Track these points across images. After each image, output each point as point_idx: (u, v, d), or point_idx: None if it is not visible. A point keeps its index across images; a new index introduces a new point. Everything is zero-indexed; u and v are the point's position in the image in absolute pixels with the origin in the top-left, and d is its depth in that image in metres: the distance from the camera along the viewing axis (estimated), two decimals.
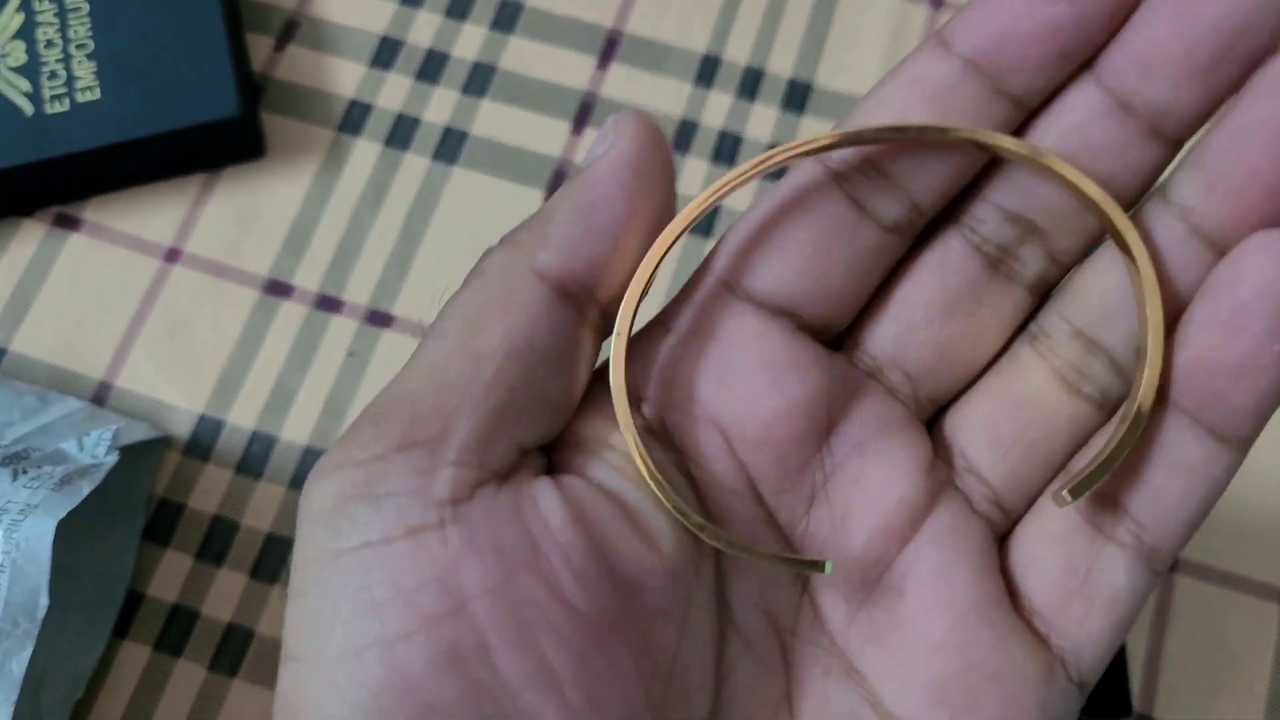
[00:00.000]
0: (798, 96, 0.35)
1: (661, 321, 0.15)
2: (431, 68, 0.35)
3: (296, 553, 0.13)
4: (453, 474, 0.13)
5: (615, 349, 0.14)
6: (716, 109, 0.34)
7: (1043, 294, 0.16)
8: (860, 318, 0.16)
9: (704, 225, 0.32)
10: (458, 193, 0.33)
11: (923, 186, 0.15)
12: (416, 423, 0.13)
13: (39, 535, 0.24)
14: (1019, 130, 0.15)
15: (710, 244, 0.32)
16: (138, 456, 0.29)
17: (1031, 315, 0.16)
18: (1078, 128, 0.14)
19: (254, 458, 0.31)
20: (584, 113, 0.34)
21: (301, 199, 0.33)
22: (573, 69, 0.35)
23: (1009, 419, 0.15)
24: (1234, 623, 0.29)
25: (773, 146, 0.34)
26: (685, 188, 0.33)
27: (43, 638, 0.24)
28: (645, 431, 0.15)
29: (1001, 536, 0.16)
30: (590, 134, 0.34)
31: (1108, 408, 0.15)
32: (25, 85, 0.33)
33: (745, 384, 0.14)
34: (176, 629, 0.29)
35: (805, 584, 0.15)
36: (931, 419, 0.16)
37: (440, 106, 0.34)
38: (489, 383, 0.13)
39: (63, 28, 0.33)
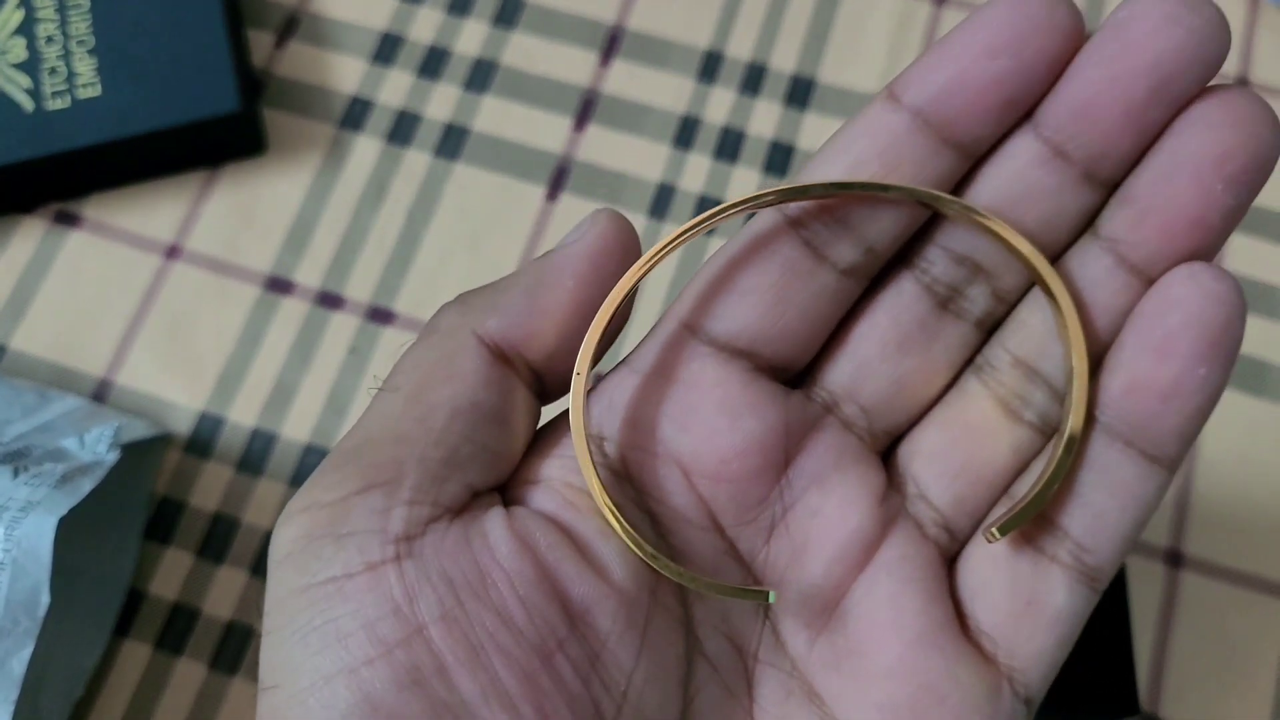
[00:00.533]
0: (800, 92, 0.34)
1: (627, 363, 0.16)
2: (433, 64, 0.35)
3: (269, 593, 0.14)
4: (406, 512, 0.14)
5: (575, 386, 0.15)
6: (719, 105, 0.34)
7: (989, 329, 0.16)
8: (819, 356, 0.16)
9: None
10: (459, 189, 0.33)
11: (876, 232, 0.15)
12: (373, 469, 0.14)
13: (40, 533, 0.24)
14: (966, 177, 0.15)
15: (716, 243, 0.32)
16: (138, 454, 0.29)
17: (978, 349, 0.16)
18: (1018, 176, 0.15)
19: (255, 455, 0.31)
20: (586, 109, 0.34)
21: (302, 195, 0.33)
22: (575, 65, 0.35)
23: (956, 446, 0.16)
24: (1240, 620, 0.29)
25: (775, 144, 0.34)
26: (688, 184, 0.33)
27: (43, 636, 0.24)
28: (606, 469, 0.15)
29: (951, 558, 0.16)
30: (592, 130, 0.34)
31: (1047, 432, 0.16)
32: (26, 81, 0.33)
33: (703, 423, 0.15)
34: (177, 627, 0.29)
35: (766, 611, 0.16)
36: (887, 450, 0.17)
37: (442, 103, 0.34)
38: (437, 435, 0.14)
39: (63, 24, 0.33)
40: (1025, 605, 0.15)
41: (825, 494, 0.16)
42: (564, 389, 0.16)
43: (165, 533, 0.30)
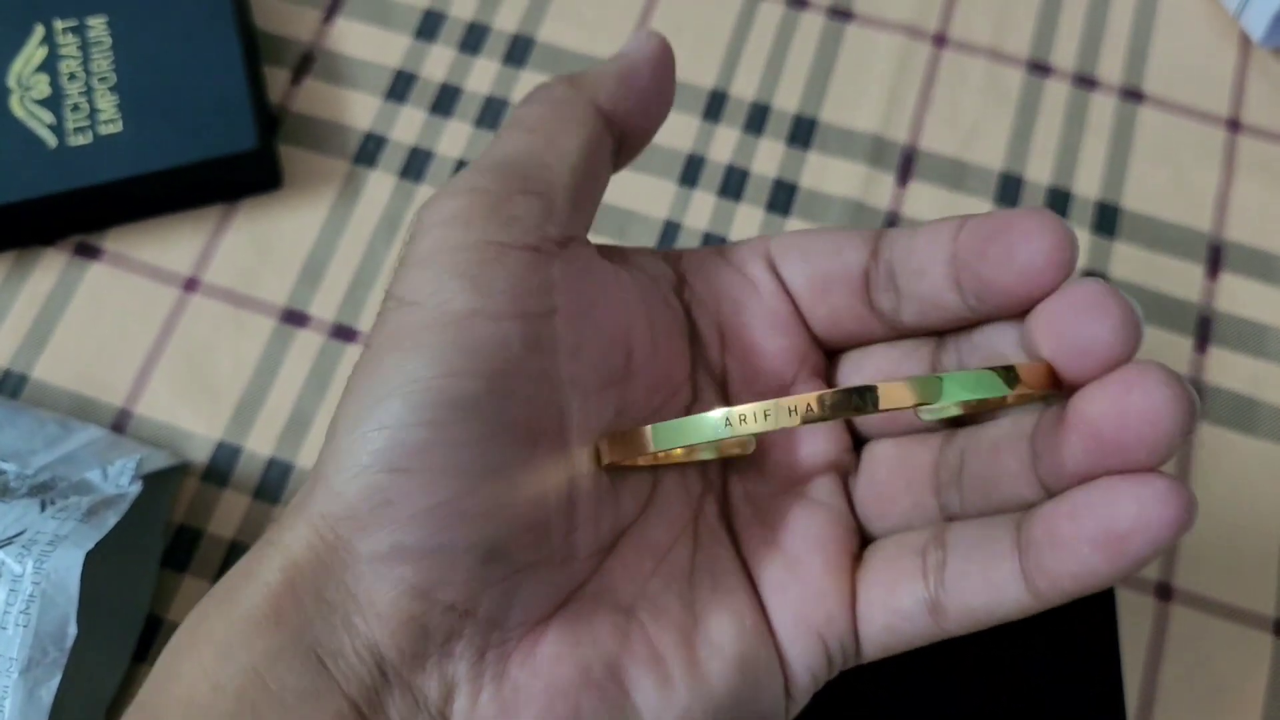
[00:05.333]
0: (803, 132, 0.35)
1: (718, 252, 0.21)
2: (445, 101, 0.36)
3: (422, 244, 0.16)
4: (560, 224, 0.17)
5: None
6: (724, 144, 0.35)
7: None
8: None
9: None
10: None
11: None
12: (528, 179, 0.17)
13: (68, 566, 0.24)
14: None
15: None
16: (157, 483, 0.30)
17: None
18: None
19: (271, 483, 0.31)
20: None
21: (318, 230, 0.34)
22: None
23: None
24: (1229, 653, 0.30)
25: (778, 182, 0.34)
26: (693, 221, 0.34)
27: (68, 666, 0.25)
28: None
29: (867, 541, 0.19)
30: None
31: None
32: (49, 117, 0.33)
33: (761, 323, 0.20)
34: None
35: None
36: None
37: (454, 139, 0.35)
38: (571, 170, 0.18)
39: (85, 61, 0.34)
40: (886, 594, 0.18)
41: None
42: (630, 158, 0.20)
43: (183, 560, 0.31)
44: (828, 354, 0.20)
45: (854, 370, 0.20)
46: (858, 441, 0.20)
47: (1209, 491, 0.31)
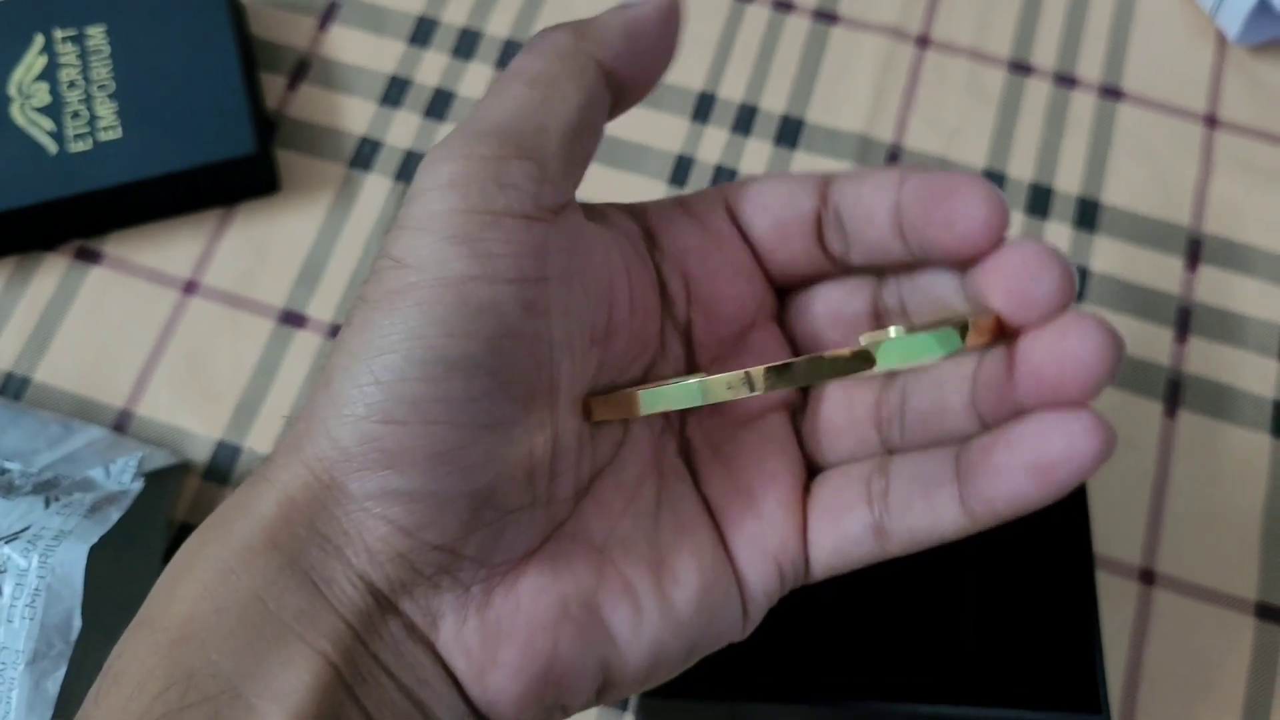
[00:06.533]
0: (790, 132, 0.36)
1: (675, 201, 0.21)
2: (439, 105, 0.36)
3: (420, 206, 0.17)
4: (554, 190, 0.17)
5: None
6: (713, 145, 0.36)
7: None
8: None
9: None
10: None
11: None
12: (523, 143, 0.17)
13: (72, 560, 0.25)
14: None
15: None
16: (158, 481, 0.30)
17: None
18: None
19: None
20: None
21: (315, 233, 0.35)
22: None
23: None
24: (1211, 635, 0.30)
25: None
26: None
27: (73, 659, 0.25)
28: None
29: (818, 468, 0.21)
30: (592, 168, 0.35)
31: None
32: (49, 125, 0.34)
33: (725, 269, 0.20)
34: None
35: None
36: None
37: None
38: (565, 135, 0.18)
39: (85, 69, 0.35)
40: (835, 517, 0.19)
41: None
42: (626, 109, 0.19)
43: None
44: (778, 292, 0.21)
45: (804, 309, 0.21)
46: None
47: (1190, 478, 0.32)
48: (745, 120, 0.36)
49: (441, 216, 0.17)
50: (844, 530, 0.19)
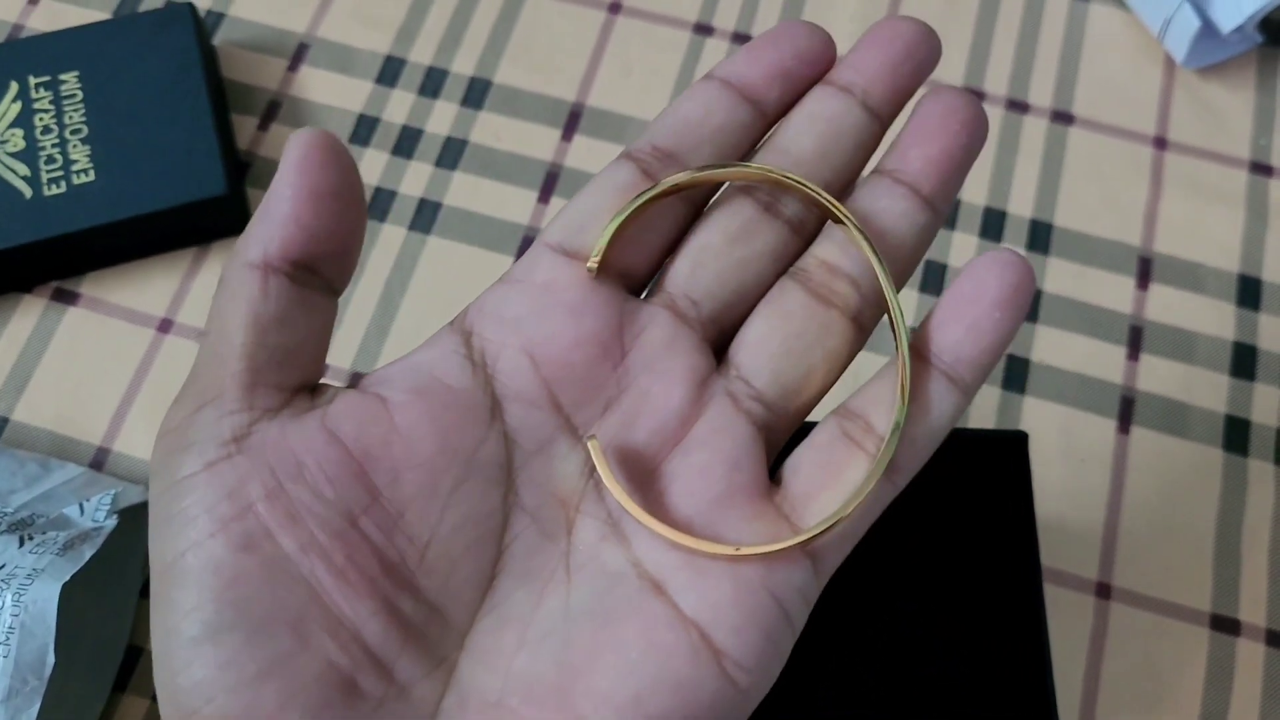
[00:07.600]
0: None
1: (502, 277, 0.20)
2: (406, 143, 0.37)
3: (151, 497, 0.18)
4: (232, 420, 0.18)
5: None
6: None
7: (805, 236, 0.21)
8: (666, 265, 0.20)
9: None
10: (433, 260, 0.36)
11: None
12: (201, 393, 0.18)
13: (45, 598, 0.26)
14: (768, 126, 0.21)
15: None
16: (135, 517, 0.31)
17: (795, 256, 0.21)
18: (827, 120, 0.21)
19: None
20: (550, 182, 0.37)
21: None
22: (539, 141, 0.37)
23: (774, 331, 0.20)
24: (1166, 647, 0.31)
25: None
26: None
27: (48, 694, 0.26)
28: (468, 359, 0.19)
29: (778, 442, 0.20)
30: (556, 202, 0.36)
31: (849, 314, 0.20)
32: (24, 169, 0.35)
33: (552, 321, 0.19)
34: None
35: (593, 474, 0.19)
36: (725, 347, 0.21)
37: (415, 179, 0.37)
38: (237, 352, 0.18)
39: (58, 114, 0.36)
40: (833, 478, 0.19)
41: (654, 377, 0.19)
42: (342, 273, 0.19)
43: None
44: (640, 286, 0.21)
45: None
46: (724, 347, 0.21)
47: (1144, 492, 0.33)
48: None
49: (155, 505, 0.17)
50: (850, 489, 0.19)
